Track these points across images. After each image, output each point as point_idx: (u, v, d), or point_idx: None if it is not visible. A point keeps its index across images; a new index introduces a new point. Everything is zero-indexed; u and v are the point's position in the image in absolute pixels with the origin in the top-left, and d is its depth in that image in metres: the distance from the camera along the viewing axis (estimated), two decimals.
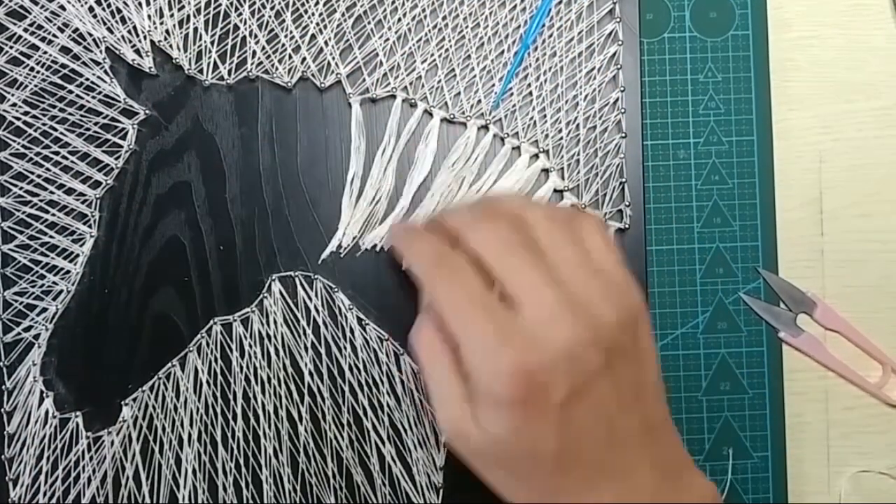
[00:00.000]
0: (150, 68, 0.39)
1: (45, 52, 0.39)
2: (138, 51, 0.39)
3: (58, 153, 0.39)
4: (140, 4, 0.39)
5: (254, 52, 0.39)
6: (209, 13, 0.39)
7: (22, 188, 0.39)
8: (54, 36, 0.39)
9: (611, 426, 0.29)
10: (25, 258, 0.39)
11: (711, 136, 0.42)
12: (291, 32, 0.39)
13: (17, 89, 0.39)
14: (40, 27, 0.39)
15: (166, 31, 0.39)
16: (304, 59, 0.39)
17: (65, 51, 0.39)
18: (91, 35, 0.39)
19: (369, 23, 0.39)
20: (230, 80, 0.39)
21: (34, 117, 0.39)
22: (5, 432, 0.39)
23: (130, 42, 0.39)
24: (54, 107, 0.39)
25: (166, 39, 0.39)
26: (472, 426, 0.29)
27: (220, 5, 0.39)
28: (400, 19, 0.39)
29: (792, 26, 0.43)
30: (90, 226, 0.39)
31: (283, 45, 0.39)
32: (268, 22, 0.39)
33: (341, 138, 0.39)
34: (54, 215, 0.39)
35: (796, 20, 0.43)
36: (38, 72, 0.39)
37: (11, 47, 0.39)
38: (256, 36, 0.39)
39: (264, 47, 0.39)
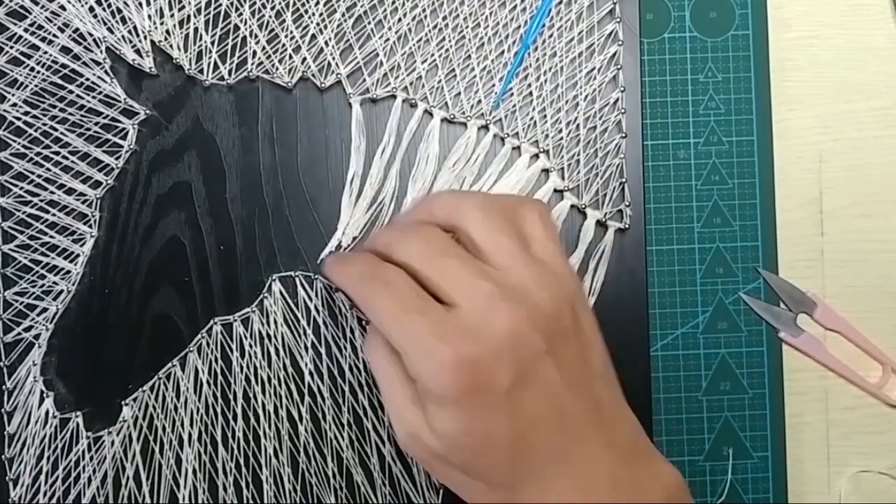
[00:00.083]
0: (150, 68, 0.39)
1: (46, 53, 0.39)
2: (139, 51, 0.39)
3: (58, 153, 0.39)
4: (140, 4, 0.39)
5: (254, 53, 0.39)
6: (209, 13, 0.39)
7: (22, 188, 0.39)
8: (54, 36, 0.39)
9: (560, 408, 0.30)
10: (26, 258, 0.39)
11: (711, 136, 0.42)
12: (292, 32, 0.39)
13: (18, 89, 0.39)
14: (40, 27, 0.39)
15: (167, 31, 0.39)
16: (304, 59, 0.39)
17: (65, 51, 0.39)
18: (91, 35, 0.39)
19: (369, 23, 0.39)
20: (230, 80, 0.39)
21: (34, 117, 0.39)
22: (5, 432, 0.39)
23: (131, 42, 0.39)
24: (54, 107, 0.39)
25: (167, 39, 0.39)
26: (425, 430, 0.30)
27: (221, 5, 0.39)
28: (400, 19, 0.39)
29: (792, 26, 0.43)
30: (90, 226, 0.39)
31: (283, 45, 0.39)
32: (268, 22, 0.39)
33: (341, 138, 0.39)
34: (54, 215, 0.39)
35: (796, 20, 0.43)
36: (38, 72, 0.39)
37: (12, 47, 0.39)
38: (257, 36, 0.39)
39: (265, 47, 0.39)
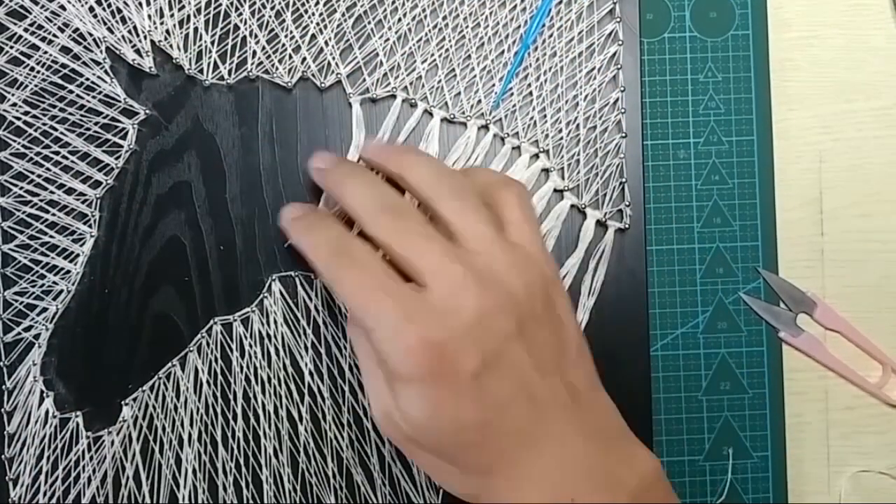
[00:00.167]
0: (150, 68, 0.39)
1: (46, 52, 0.39)
2: (138, 51, 0.39)
3: (58, 153, 0.39)
4: (140, 4, 0.39)
5: (254, 52, 0.39)
6: (209, 13, 0.39)
7: (22, 188, 0.39)
8: (54, 36, 0.39)
9: (531, 393, 0.29)
10: (25, 258, 0.39)
11: (711, 136, 0.42)
12: (291, 32, 0.39)
13: (18, 89, 0.39)
14: (40, 27, 0.39)
15: (166, 31, 0.39)
16: (304, 59, 0.39)
17: (65, 51, 0.39)
18: (91, 35, 0.39)
19: (369, 23, 0.39)
20: (230, 80, 0.39)
21: (34, 117, 0.39)
22: (5, 432, 0.39)
23: (131, 42, 0.39)
24: (54, 107, 0.39)
25: (166, 39, 0.39)
26: (396, 411, 0.29)
27: (221, 5, 0.39)
28: (400, 19, 0.39)
29: (792, 26, 0.43)
30: (90, 226, 0.39)
31: (283, 45, 0.39)
32: (268, 22, 0.39)
33: (342, 138, 0.39)
34: (54, 215, 0.39)
35: (796, 20, 0.43)
36: (38, 72, 0.39)
37: (11, 47, 0.39)
38: (256, 36, 0.39)
39: (264, 47, 0.39)
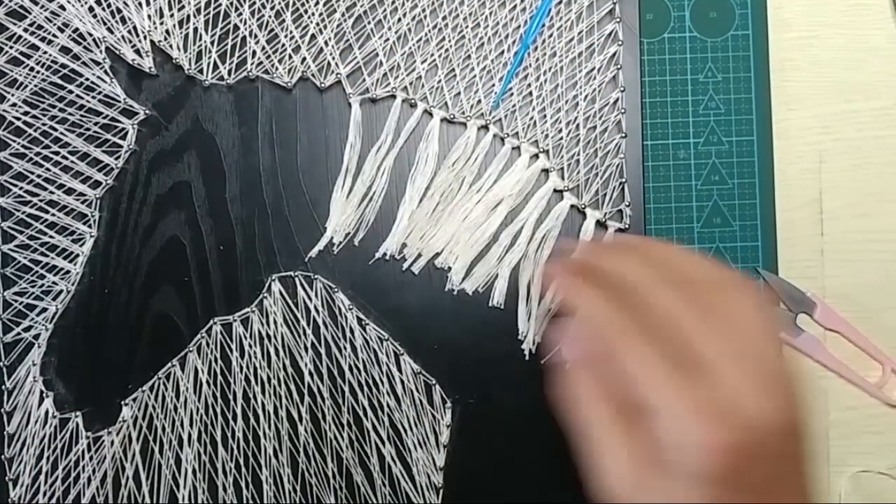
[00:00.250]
0: (150, 68, 0.39)
1: (45, 52, 0.39)
2: (138, 51, 0.39)
3: (58, 153, 0.39)
4: (140, 4, 0.39)
5: (254, 52, 0.39)
6: (209, 13, 0.39)
7: (22, 188, 0.39)
8: (54, 36, 0.39)
9: None
10: (25, 258, 0.39)
11: (711, 136, 0.42)
12: (291, 32, 0.39)
13: (17, 89, 0.39)
14: (40, 27, 0.39)
15: (166, 31, 0.39)
16: (304, 59, 0.39)
17: (65, 51, 0.39)
18: (91, 35, 0.39)
19: (369, 23, 0.39)
20: (230, 80, 0.39)
21: (34, 117, 0.39)
22: (5, 432, 0.39)
23: (130, 42, 0.39)
24: (54, 107, 0.39)
25: (166, 39, 0.39)
26: (640, 491, 0.28)
27: (220, 5, 0.39)
28: (400, 19, 0.39)
29: (792, 26, 0.43)
30: (90, 226, 0.39)
31: (283, 45, 0.39)
32: (268, 22, 0.39)
33: (341, 138, 0.39)
34: (54, 215, 0.39)
35: (796, 20, 0.43)
36: (38, 72, 0.39)
37: (11, 47, 0.39)
38: (256, 36, 0.39)
39: (264, 47, 0.39)
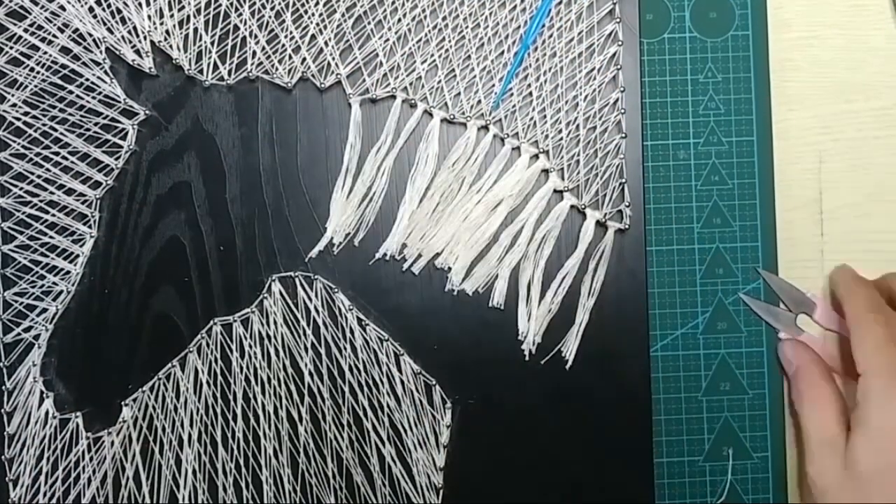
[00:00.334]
0: (150, 68, 0.39)
1: (46, 53, 0.39)
2: (138, 51, 0.39)
3: (58, 154, 0.39)
4: (140, 5, 0.39)
5: (254, 53, 0.39)
6: (209, 13, 0.39)
7: (22, 189, 0.39)
8: (54, 36, 0.39)
9: None
10: (25, 259, 0.39)
11: (711, 136, 0.42)
12: (291, 33, 0.39)
13: (18, 90, 0.39)
14: (40, 27, 0.39)
15: (166, 31, 0.39)
16: (304, 60, 0.39)
17: (65, 51, 0.39)
18: (91, 35, 0.39)
19: (369, 23, 0.39)
20: (230, 80, 0.39)
21: (34, 118, 0.39)
22: (5, 433, 0.39)
23: (130, 42, 0.39)
24: (54, 107, 0.39)
25: (166, 40, 0.39)
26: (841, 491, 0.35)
27: (220, 6, 0.39)
28: (400, 20, 0.39)
29: (792, 26, 0.43)
30: (90, 226, 0.39)
31: (283, 45, 0.39)
32: (268, 22, 0.39)
33: (341, 138, 0.39)
34: (54, 216, 0.39)
35: (796, 20, 0.43)
36: (38, 72, 0.39)
37: (11, 48, 0.39)
38: (256, 36, 0.39)
39: (264, 48, 0.39)
